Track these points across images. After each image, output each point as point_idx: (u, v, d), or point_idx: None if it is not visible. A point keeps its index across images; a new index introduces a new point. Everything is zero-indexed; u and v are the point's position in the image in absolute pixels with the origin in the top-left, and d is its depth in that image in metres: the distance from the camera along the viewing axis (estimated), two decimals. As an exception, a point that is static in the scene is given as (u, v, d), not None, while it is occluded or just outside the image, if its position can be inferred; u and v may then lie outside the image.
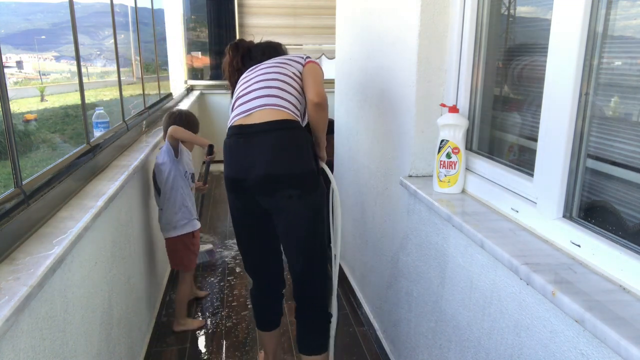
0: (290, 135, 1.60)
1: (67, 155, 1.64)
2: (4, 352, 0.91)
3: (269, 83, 1.66)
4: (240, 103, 1.66)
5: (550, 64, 1.15)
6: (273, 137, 1.58)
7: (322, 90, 1.67)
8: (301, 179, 1.60)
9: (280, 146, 1.58)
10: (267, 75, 1.69)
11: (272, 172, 1.57)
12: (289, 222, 1.65)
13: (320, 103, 1.65)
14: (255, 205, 1.65)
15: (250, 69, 1.80)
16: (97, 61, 2.59)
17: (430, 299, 1.63)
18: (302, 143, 1.62)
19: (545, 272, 1.01)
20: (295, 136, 1.61)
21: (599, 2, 1.03)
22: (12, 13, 1.89)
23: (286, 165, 1.58)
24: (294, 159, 1.59)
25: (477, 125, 1.60)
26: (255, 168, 1.57)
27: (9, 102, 1.24)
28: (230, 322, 2.49)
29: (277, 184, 1.58)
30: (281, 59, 1.79)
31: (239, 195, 1.67)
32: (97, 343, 1.48)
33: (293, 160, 1.59)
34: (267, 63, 1.77)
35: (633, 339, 0.77)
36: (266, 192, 1.60)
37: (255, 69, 1.76)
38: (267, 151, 1.57)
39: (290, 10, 5.55)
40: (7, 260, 1.10)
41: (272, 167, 1.57)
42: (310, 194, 1.62)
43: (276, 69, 1.72)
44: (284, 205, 1.61)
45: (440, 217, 1.50)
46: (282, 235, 1.71)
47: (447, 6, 1.61)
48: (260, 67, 1.76)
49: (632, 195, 1.00)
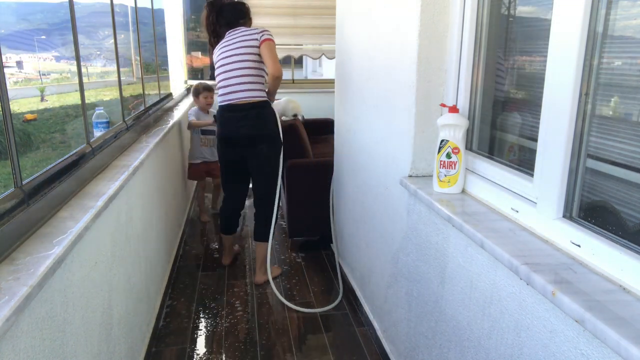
0: (262, 112, 2.61)
1: (67, 155, 1.64)
2: (4, 352, 0.91)
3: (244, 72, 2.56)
4: (225, 85, 2.60)
5: (550, 64, 1.15)
6: (254, 112, 2.59)
7: (278, 65, 2.52)
8: (267, 137, 2.64)
9: (257, 118, 2.60)
10: (241, 64, 2.56)
11: (253, 133, 2.61)
12: (260, 162, 2.70)
13: (278, 76, 2.54)
14: (240, 153, 2.69)
15: (224, 43, 2.65)
16: (97, 61, 2.59)
17: (430, 299, 1.63)
18: (268, 116, 2.64)
19: (545, 272, 1.01)
20: (265, 112, 2.62)
21: (599, 2, 1.03)
22: (12, 13, 1.89)
23: (261, 128, 2.62)
24: (264, 125, 2.63)
25: (477, 125, 1.60)
26: (244, 129, 2.60)
27: (9, 102, 1.24)
28: (230, 322, 2.49)
29: (255, 140, 2.63)
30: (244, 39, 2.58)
31: (229, 147, 2.71)
32: (97, 343, 1.48)
33: (263, 126, 2.62)
34: (236, 45, 2.59)
35: (633, 339, 0.77)
36: (249, 144, 2.64)
37: (229, 47, 2.61)
38: (250, 120, 2.59)
39: (290, 10, 5.55)
40: (7, 260, 1.10)
41: (253, 130, 2.60)
42: (272, 147, 2.68)
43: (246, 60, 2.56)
44: (258, 153, 2.66)
45: (440, 217, 1.50)
46: (255, 170, 2.73)
47: (447, 6, 1.61)
48: (232, 48, 2.60)
49: (632, 195, 1.00)
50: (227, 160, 2.80)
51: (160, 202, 2.70)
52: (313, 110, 5.70)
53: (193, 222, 3.94)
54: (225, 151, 2.76)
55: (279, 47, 5.73)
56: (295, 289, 2.83)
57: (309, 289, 2.82)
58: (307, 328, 2.44)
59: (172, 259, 3.00)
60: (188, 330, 2.41)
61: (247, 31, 2.62)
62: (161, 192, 2.74)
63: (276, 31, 5.61)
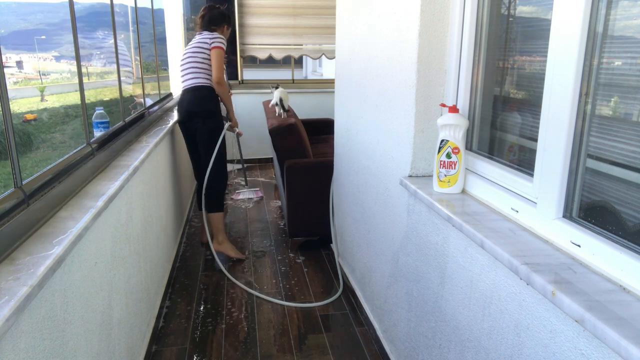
0: (201, 92, 3.07)
1: (67, 155, 1.64)
2: (4, 352, 0.91)
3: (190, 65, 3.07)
4: (182, 74, 3.11)
5: (550, 64, 1.15)
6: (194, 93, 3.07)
7: (219, 73, 3.01)
8: (204, 113, 3.07)
9: (196, 97, 3.07)
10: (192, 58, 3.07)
11: (191, 109, 3.07)
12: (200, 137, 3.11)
13: (218, 82, 3.03)
14: (187, 129, 3.15)
15: (188, 44, 3.15)
16: (97, 61, 2.59)
17: (430, 299, 1.63)
18: (205, 95, 3.07)
19: (545, 272, 1.01)
20: (202, 93, 3.07)
21: (599, 2, 1.03)
22: (12, 13, 1.89)
23: (198, 106, 3.06)
24: (201, 103, 3.07)
25: (477, 125, 1.60)
26: (182, 108, 3.09)
27: (9, 102, 1.24)
28: (230, 321, 2.49)
29: (188, 116, 3.08)
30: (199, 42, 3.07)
31: (182, 125, 3.17)
32: (97, 343, 1.48)
33: (200, 104, 3.06)
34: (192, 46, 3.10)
35: (633, 339, 0.77)
36: (188, 121, 3.10)
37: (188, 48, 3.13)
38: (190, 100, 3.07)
39: (290, 10, 5.55)
40: (7, 260, 1.10)
41: (188, 107, 3.06)
42: (209, 121, 3.08)
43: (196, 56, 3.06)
44: (198, 127, 3.08)
45: (440, 217, 1.50)
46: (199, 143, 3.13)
47: (447, 6, 1.61)
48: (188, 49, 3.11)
49: (632, 195, 1.00)
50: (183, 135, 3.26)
51: (160, 202, 2.70)
52: (313, 110, 5.71)
53: (193, 222, 3.93)
54: (181, 128, 3.23)
55: (280, 47, 5.79)
56: (295, 289, 2.83)
57: (309, 289, 2.82)
58: (307, 328, 2.44)
59: (172, 259, 3.00)
60: (188, 330, 2.41)
61: (205, 35, 3.08)
62: (161, 192, 2.74)
63: (276, 31, 5.64)
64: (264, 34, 5.59)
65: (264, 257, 3.26)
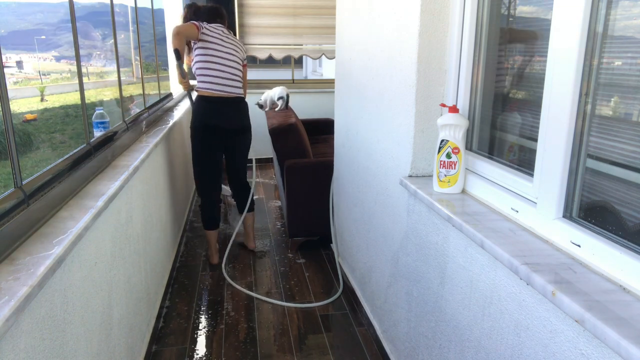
0: (246, 106, 3.09)
1: (67, 155, 1.64)
2: (4, 352, 0.91)
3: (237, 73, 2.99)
4: (216, 76, 2.90)
5: (550, 64, 1.15)
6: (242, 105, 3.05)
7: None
8: (248, 128, 3.10)
9: (244, 111, 3.07)
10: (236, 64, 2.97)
11: (245, 124, 3.07)
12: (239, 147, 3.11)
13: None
14: (223, 138, 3.00)
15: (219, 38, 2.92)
16: (97, 61, 2.59)
17: (430, 299, 1.63)
18: (247, 108, 3.11)
19: (545, 272, 1.01)
20: (246, 107, 3.10)
21: (599, 2, 1.03)
22: (11, 13, 1.89)
23: (248, 120, 3.11)
24: (248, 117, 3.11)
25: (477, 125, 1.60)
26: (230, 120, 2.98)
27: (9, 102, 1.24)
28: (230, 322, 2.49)
29: (238, 130, 3.03)
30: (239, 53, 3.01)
31: (212, 135, 2.96)
32: (97, 343, 1.48)
33: (248, 118, 3.11)
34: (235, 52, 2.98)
35: (633, 339, 0.77)
36: (234, 134, 3.02)
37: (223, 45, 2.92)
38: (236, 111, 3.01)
39: (290, 10, 5.55)
40: (7, 260, 1.10)
41: (239, 121, 3.02)
42: (249, 134, 3.14)
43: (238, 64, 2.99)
44: (240, 139, 3.09)
45: (440, 217, 1.50)
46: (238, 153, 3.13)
47: (447, 6, 1.61)
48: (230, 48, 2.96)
49: (632, 195, 1.00)
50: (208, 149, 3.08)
51: (160, 202, 2.70)
52: (313, 110, 5.71)
53: (193, 221, 3.93)
54: (209, 138, 3.02)
55: (280, 47, 5.79)
56: (295, 289, 2.83)
57: (309, 289, 2.82)
58: (307, 328, 2.44)
59: (172, 259, 3.00)
60: (188, 330, 2.41)
61: (238, 43, 3.03)
62: (161, 192, 2.74)
63: (276, 31, 5.64)
64: (264, 34, 5.58)
65: (264, 258, 3.26)
